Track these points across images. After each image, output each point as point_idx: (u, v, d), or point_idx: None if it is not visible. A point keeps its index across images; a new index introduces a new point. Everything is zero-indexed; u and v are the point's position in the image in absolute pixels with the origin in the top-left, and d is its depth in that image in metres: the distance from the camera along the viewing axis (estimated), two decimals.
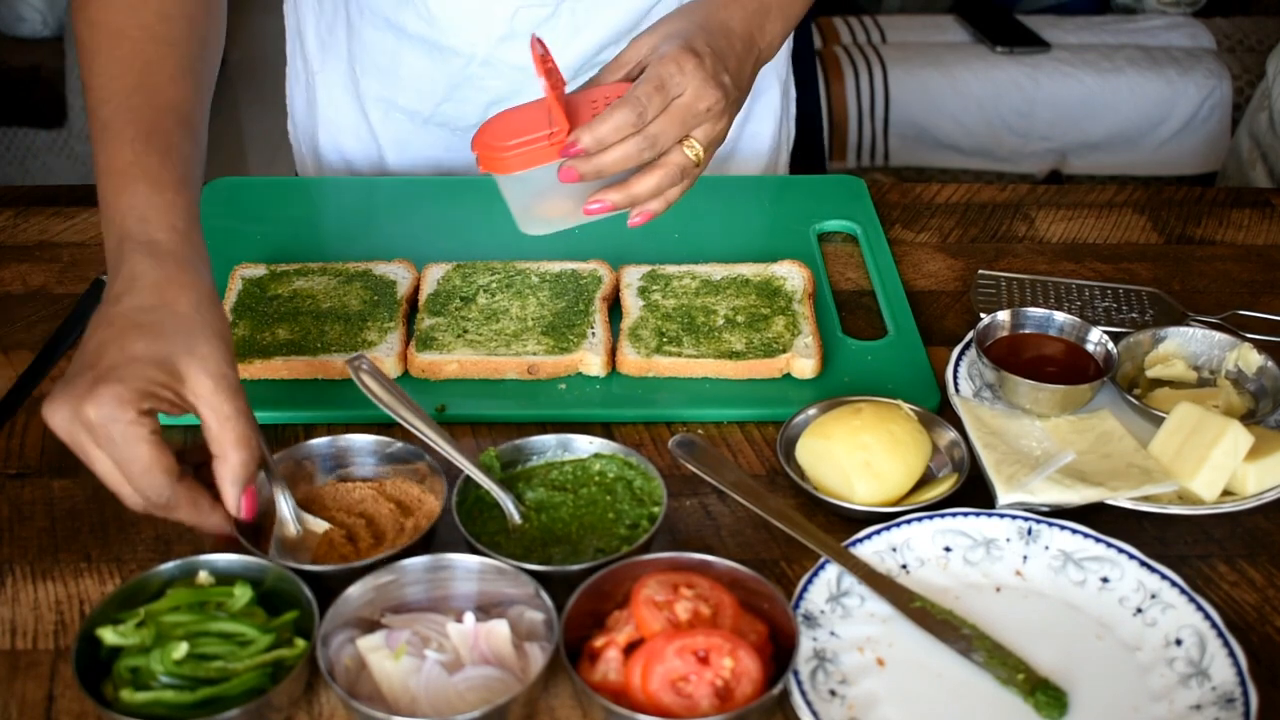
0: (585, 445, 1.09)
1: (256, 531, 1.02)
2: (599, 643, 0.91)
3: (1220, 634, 0.95)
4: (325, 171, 1.68)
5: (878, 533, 1.04)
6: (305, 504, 1.06)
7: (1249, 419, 1.15)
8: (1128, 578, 1.00)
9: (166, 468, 0.94)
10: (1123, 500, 1.07)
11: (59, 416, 0.93)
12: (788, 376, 1.23)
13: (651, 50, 1.12)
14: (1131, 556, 1.01)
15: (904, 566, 1.03)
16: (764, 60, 1.23)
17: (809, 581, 0.99)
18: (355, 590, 0.94)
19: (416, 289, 1.34)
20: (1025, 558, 1.03)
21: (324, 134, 1.65)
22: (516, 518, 1.04)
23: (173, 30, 1.10)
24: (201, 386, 0.95)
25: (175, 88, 1.09)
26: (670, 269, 1.36)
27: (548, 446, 1.10)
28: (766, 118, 1.67)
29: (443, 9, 1.46)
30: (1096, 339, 1.22)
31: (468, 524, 1.01)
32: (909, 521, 1.04)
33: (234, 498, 0.97)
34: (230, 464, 0.97)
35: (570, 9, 1.44)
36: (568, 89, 1.11)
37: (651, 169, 1.11)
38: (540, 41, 1.07)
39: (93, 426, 0.92)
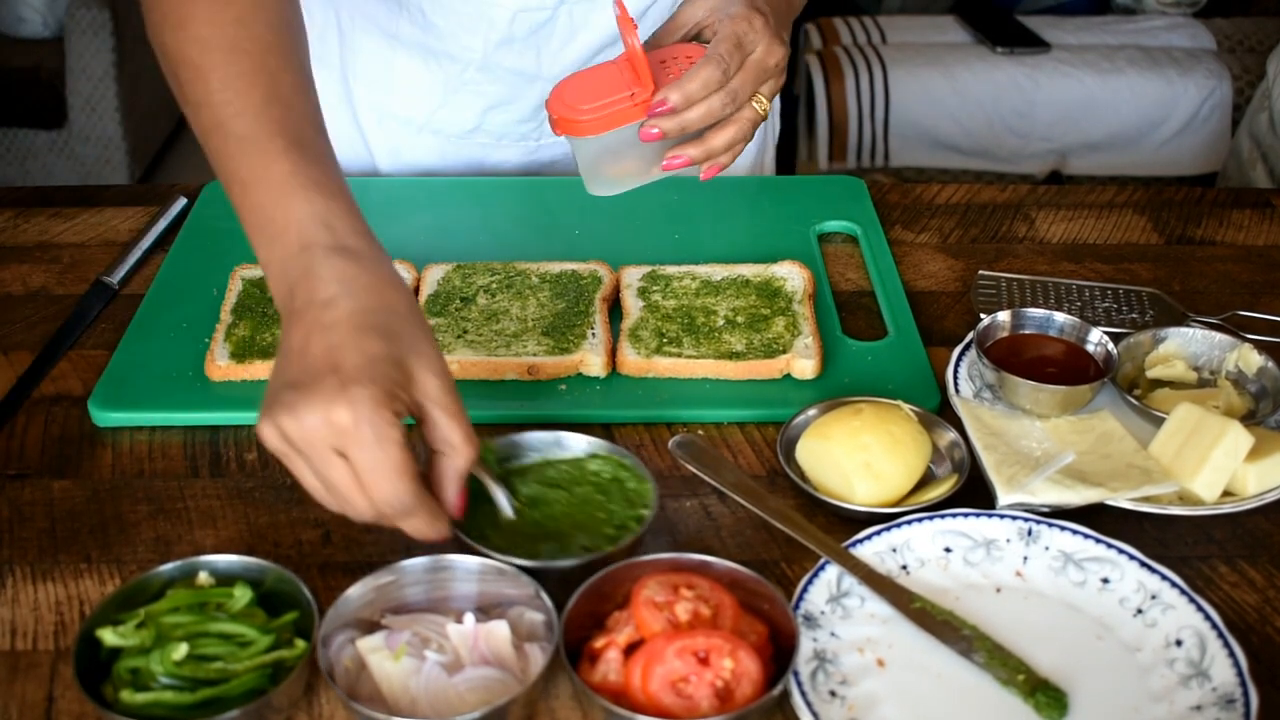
0: (582, 444, 1.09)
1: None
2: (599, 643, 0.91)
3: (1220, 635, 0.95)
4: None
5: (878, 533, 1.04)
6: None
7: (1249, 420, 1.15)
8: (1128, 578, 1.00)
9: (413, 472, 0.91)
10: (1123, 501, 1.07)
11: (292, 425, 0.89)
12: (788, 377, 1.23)
13: (710, 12, 1.15)
14: (1132, 557, 1.01)
15: (904, 567, 1.03)
16: (796, 13, 1.30)
17: (809, 582, 0.99)
18: (355, 591, 0.94)
19: (416, 289, 1.34)
20: (1025, 558, 1.03)
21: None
22: (509, 512, 1.04)
23: (284, 40, 1.08)
24: (430, 385, 0.94)
25: (302, 98, 1.07)
26: (670, 269, 1.36)
27: (545, 444, 1.10)
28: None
29: (439, 15, 1.45)
30: (1097, 339, 1.22)
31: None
32: (909, 522, 1.04)
33: (454, 495, 0.96)
34: (459, 461, 0.95)
35: (568, 11, 1.44)
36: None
37: (727, 124, 1.14)
38: (619, 1, 1.08)
39: (344, 431, 0.88)
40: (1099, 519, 1.06)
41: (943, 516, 1.05)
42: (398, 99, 1.56)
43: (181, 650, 0.89)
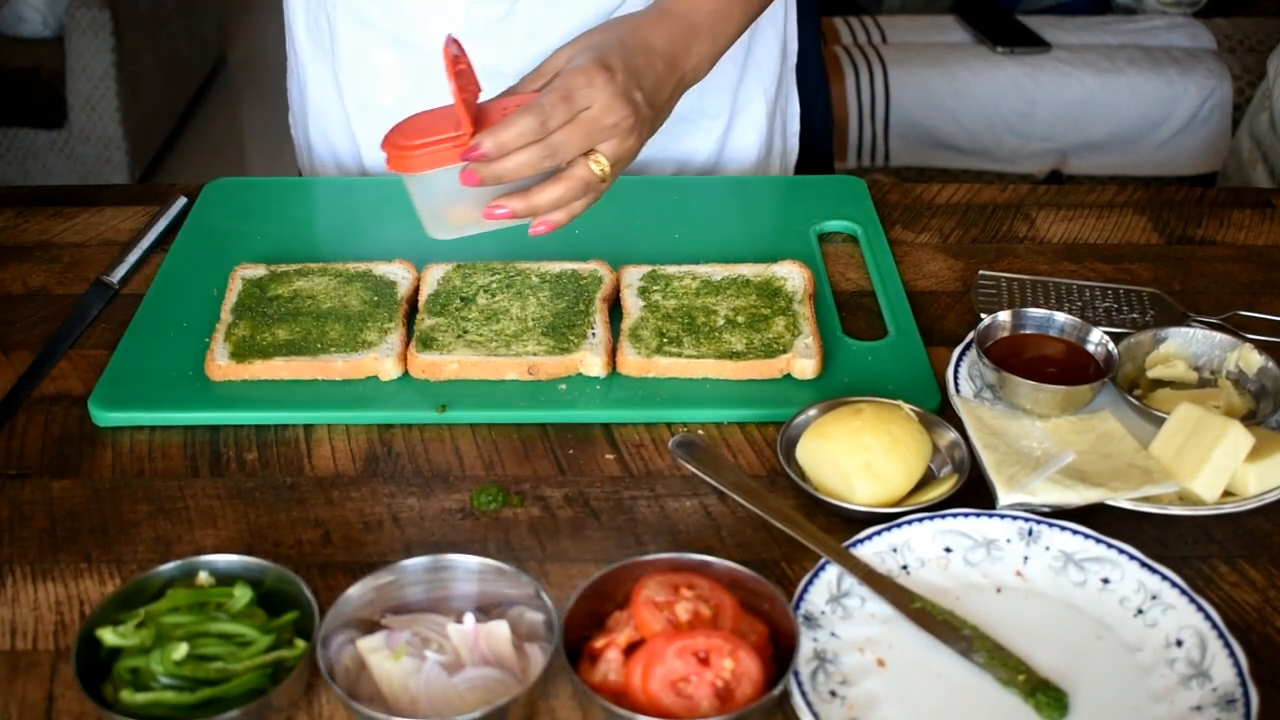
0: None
1: None
2: (599, 644, 0.91)
3: (1221, 635, 0.95)
4: (319, 166, 1.69)
5: (878, 533, 1.04)
6: None
7: (1250, 420, 1.15)
8: (1128, 578, 1.00)
9: None
10: (1123, 501, 1.07)
11: None
12: (788, 377, 1.23)
13: (568, 61, 1.14)
14: (1132, 557, 1.01)
15: (904, 567, 1.03)
16: (689, 82, 1.25)
17: (809, 582, 0.99)
18: (355, 591, 0.94)
19: (417, 289, 1.34)
20: (1026, 558, 1.03)
21: (314, 129, 1.67)
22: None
23: None
24: None
25: None
26: (670, 269, 1.36)
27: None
28: (749, 133, 1.67)
29: (405, 2, 1.45)
30: (1097, 339, 1.22)
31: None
32: (909, 522, 1.04)
33: None
34: None
35: (529, 8, 1.43)
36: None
37: (554, 180, 1.13)
38: (456, 42, 1.09)
39: None
40: (1099, 519, 1.06)
41: (943, 516, 1.05)
42: (376, 88, 1.56)
43: (181, 650, 0.89)
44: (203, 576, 0.96)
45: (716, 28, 1.26)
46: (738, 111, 1.64)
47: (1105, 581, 1.01)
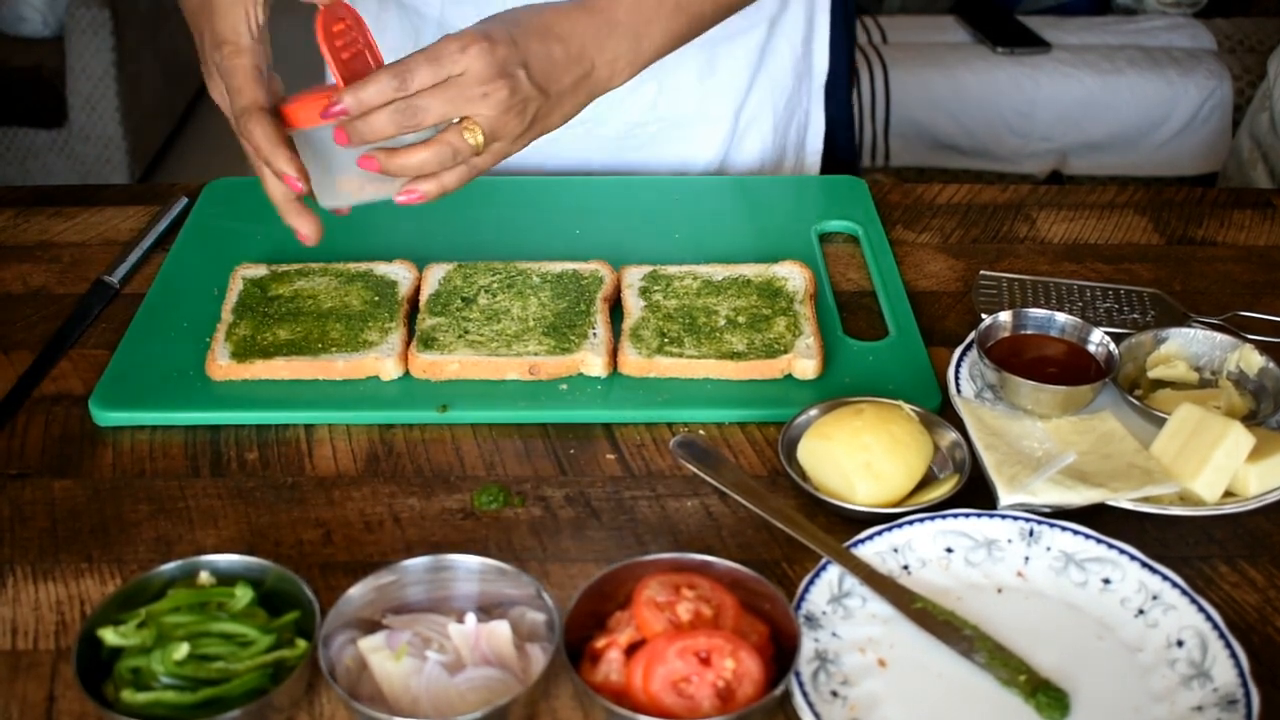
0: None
1: None
2: (600, 644, 0.91)
3: (1222, 635, 0.95)
4: None
5: (879, 534, 1.04)
6: None
7: (1250, 420, 1.15)
8: (1129, 579, 1.00)
9: None
10: (1124, 501, 1.07)
11: None
12: (789, 377, 1.23)
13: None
14: (1133, 558, 1.01)
15: (905, 567, 1.02)
16: (601, 78, 1.20)
17: (810, 582, 0.99)
18: (356, 591, 0.94)
19: (418, 289, 1.34)
20: (1027, 559, 1.03)
21: None
22: None
23: None
24: None
25: None
26: (671, 269, 1.36)
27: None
28: (754, 144, 1.67)
29: None
30: (1098, 340, 1.22)
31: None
32: (910, 522, 1.04)
33: None
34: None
35: None
36: None
37: (424, 145, 1.10)
38: (344, 5, 1.09)
39: None
40: (1100, 519, 1.06)
41: (944, 517, 1.05)
42: (387, 56, 1.56)
43: (182, 650, 0.89)
44: (204, 576, 0.96)
45: (639, 29, 1.21)
46: (744, 122, 1.64)
47: (1106, 582, 1.01)
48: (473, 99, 1.09)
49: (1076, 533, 1.03)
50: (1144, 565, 1.00)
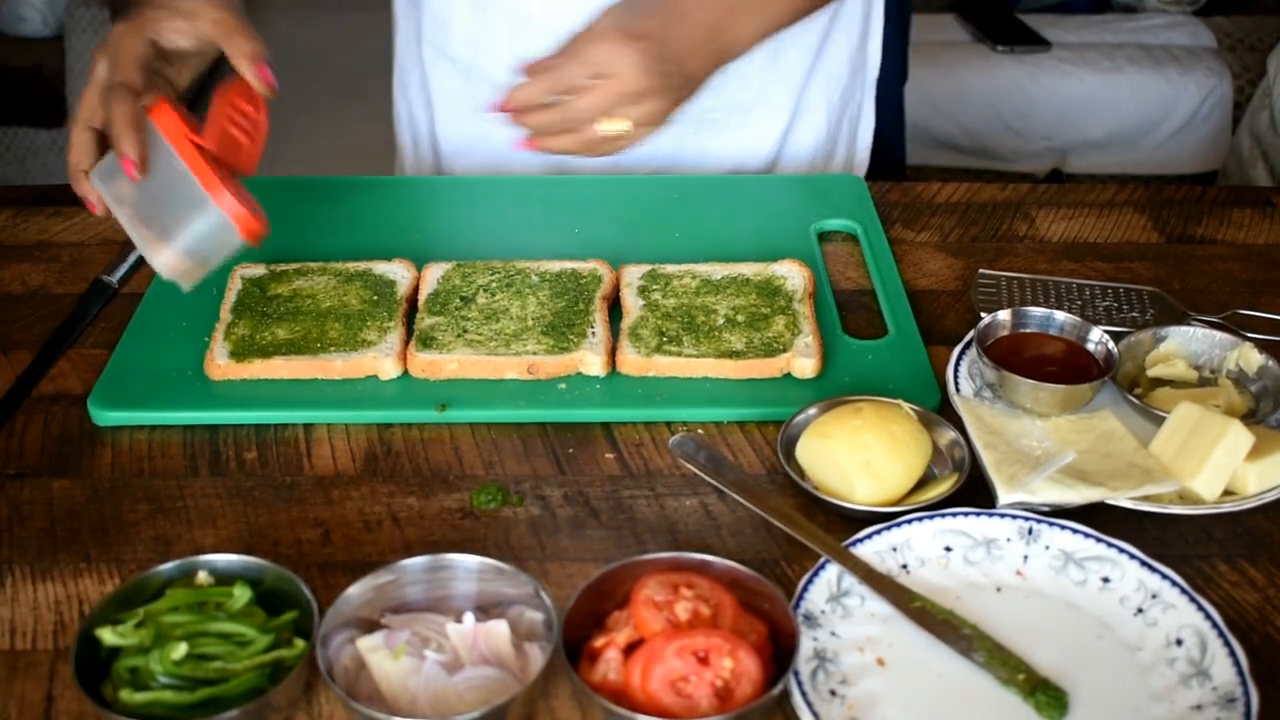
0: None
1: None
2: (599, 643, 0.91)
3: (1221, 634, 0.94)
4: (396, 120, 1.76)
5: (878, 532, 1.04)
6: None
7: (1250, 419, 1.15)
8: (1128, 578, 1.00)
9: None
10: (1123, 500, 1.06)
11: None
12: (788, 376, 1.23)
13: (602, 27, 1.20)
14: (1132, 556, 1.01)
15: (904, 566, 1.02)
16: (730, 54, 1.29)
17: (809, 581, 0.99)
18: (355, 590, 0.94)
19: (416, 288, 1.34)
20: (1026, 557, 1.03)
21: (396, 82, 1.74)
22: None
23: None
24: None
25: None
26: (670, 268, 1.36)
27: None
28: (808, 135, 1.67)
29: None
30: (1097, 338, 1.22)
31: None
32: (909, 521, 1.04)
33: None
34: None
35: None
36: None
37: (573, 135, 1.21)
38: (263, 103, 1.17)
39: None
40: (1099, 518, 1.06)
41: (943, 515, 1.05)
42: (450, 36, 1.60)
43: (181, 650, 0.89)
44: (202, 576, 0.96)
45: (765, 5, 1.29)
46: (800, 111, 1.65)
47: (1105, 581, 1.01)
48: (625, 97, 1.18)
49: (1076, 531, 1.03)
50: (1143, 564, 1.00)
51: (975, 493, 1.08)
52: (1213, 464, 1.07)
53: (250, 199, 1.14)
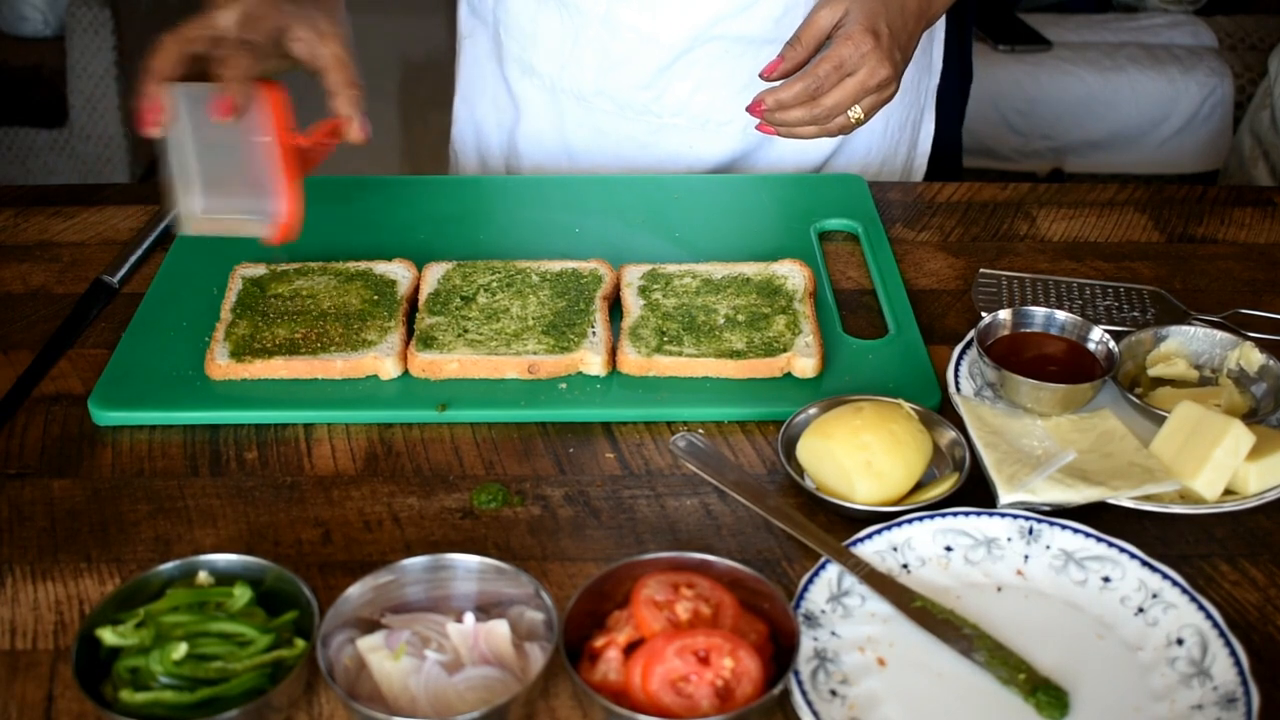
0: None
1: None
2: (599, 643, 0.91)
3: (1222, 633, 0.94)
4: (459, 137, 1.77)
5: (878, 532, 1.04)
6: None
7: (1250, 418, 1.15)
8: (1129, 577, 1.00)
9: None
10: (1124, 500, 1.06)
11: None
12: (788, 376, 1.23)
13: (835, 23, 1.29)
14: (1133, 556, 1.01)
15: (905, 566, 1.02)
16: (928, 27, 1.43)
17: (809, 581, 0.99)
18: (355, 590, 0.94)
19: (417, 288, 1.34)
20: (1026, 557, 1.03)
21: (460, 98, 1.75)
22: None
23: None
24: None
25: None
26: (671, 268, 1.36)
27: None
28: (864, 136, 1.68)
29: None
30: (1098, 338, 1.22)
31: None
32: (910, 521, 1.04)
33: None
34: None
35: None
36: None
37: (818, 126, 1.32)
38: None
39: None
40: (1100, 518, 1.06)
41: (943, 515, 1.05)
42: (536, 53, 1.61)
43: (181, 650, 0.89)
44: (202, 576, 0.96)
45: None
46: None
47: (1106, 580, 1.01)
48: (868, 90, 1.30)
49: (1076, 531, 1.03)
50: (1144, 564, 1.00)
51: (976, 492, 1.08)
52: (1213, 463, 1.07)
53: (301, 208, 1.15)
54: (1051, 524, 1.04)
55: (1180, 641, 0.95)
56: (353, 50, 1.22)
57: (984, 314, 1.26)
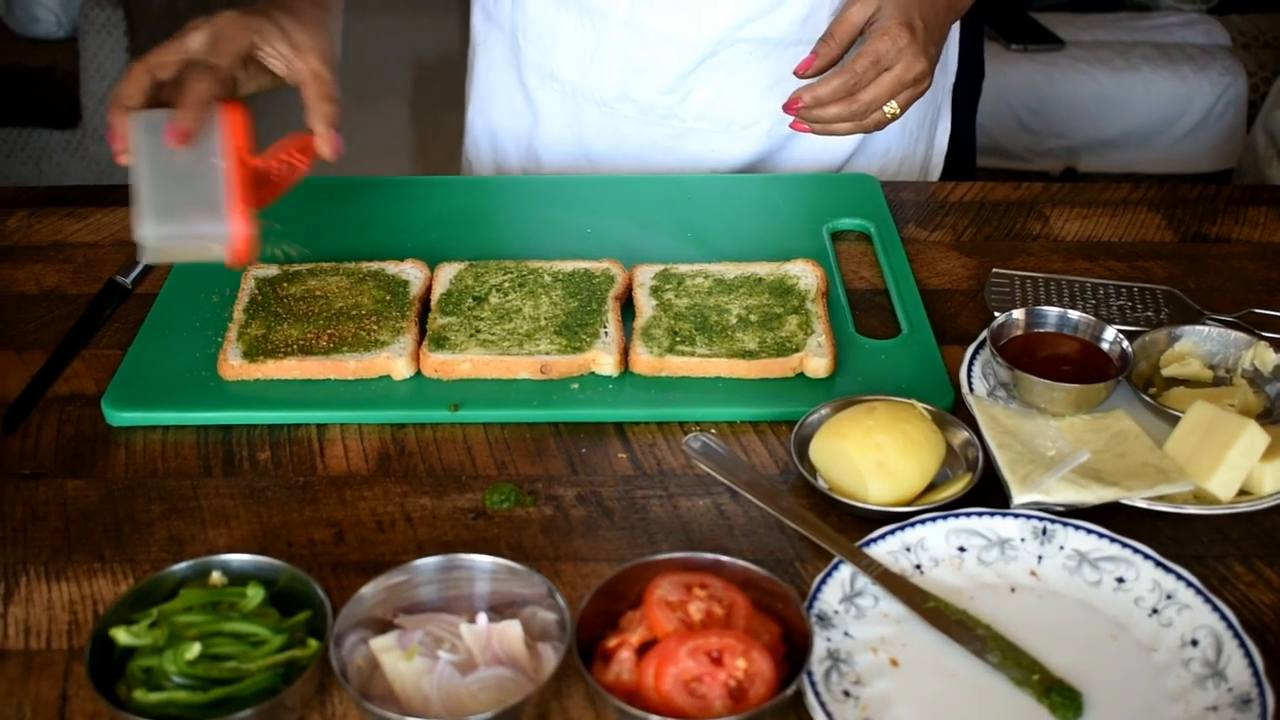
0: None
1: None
2: (612, 643, 0.91)
3: (1236, 634, 0.94)
4: (474, 145, 1.76)
5: (891, 533, 1.03)
6: None
7: (1265, 418, 1.14)
8: (1143, 578, 1.00)
9: None
10: (1138, 500, 1.06)
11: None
12: (801, 376, 1.23)
13: (869, 18, 1.29)
14: (1147, 557, 1.01)
15: (918, 567, 1.02)
16: (956, 19, 1.45)
17: (822, 581, 0.99)
18: (368, 590, 0.94)
19: (429, 288, 1.34)
20: (1040, 558, 1.03)
21: (474, 105, 1.74)
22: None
23: None
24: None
25: None
26: (683, 268, 1.36)
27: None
28: (881, 136, 1.68)
29: None
30: (1112, 338, 1.21)
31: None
32: (923, 521, 1.04)
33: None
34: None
35: None
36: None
37: (855, 124, 1.31)
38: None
39: None
40: (1114, 518, 1.06)
41: (956, 516, 1.04)
42: (556, 58, 1.60)
43: (194, 650, 0.89)
44: (216, 576, 0.96)
45: None
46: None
47: (1120, 581, 1.00)
48: (904, 84, 1.29)
49: (1090, 532, 1.03)
50: (1158, 564, 1.00)
51: (989, 493, 1.08)
52: (1228, 464, 1.07)
53: (254, 230, 1.14)
54: (1065, 524, 1.03)
55: (1195, 643, 0.95)
56: (335, 62, 1.24)
57: (997, 314, 1.26)
